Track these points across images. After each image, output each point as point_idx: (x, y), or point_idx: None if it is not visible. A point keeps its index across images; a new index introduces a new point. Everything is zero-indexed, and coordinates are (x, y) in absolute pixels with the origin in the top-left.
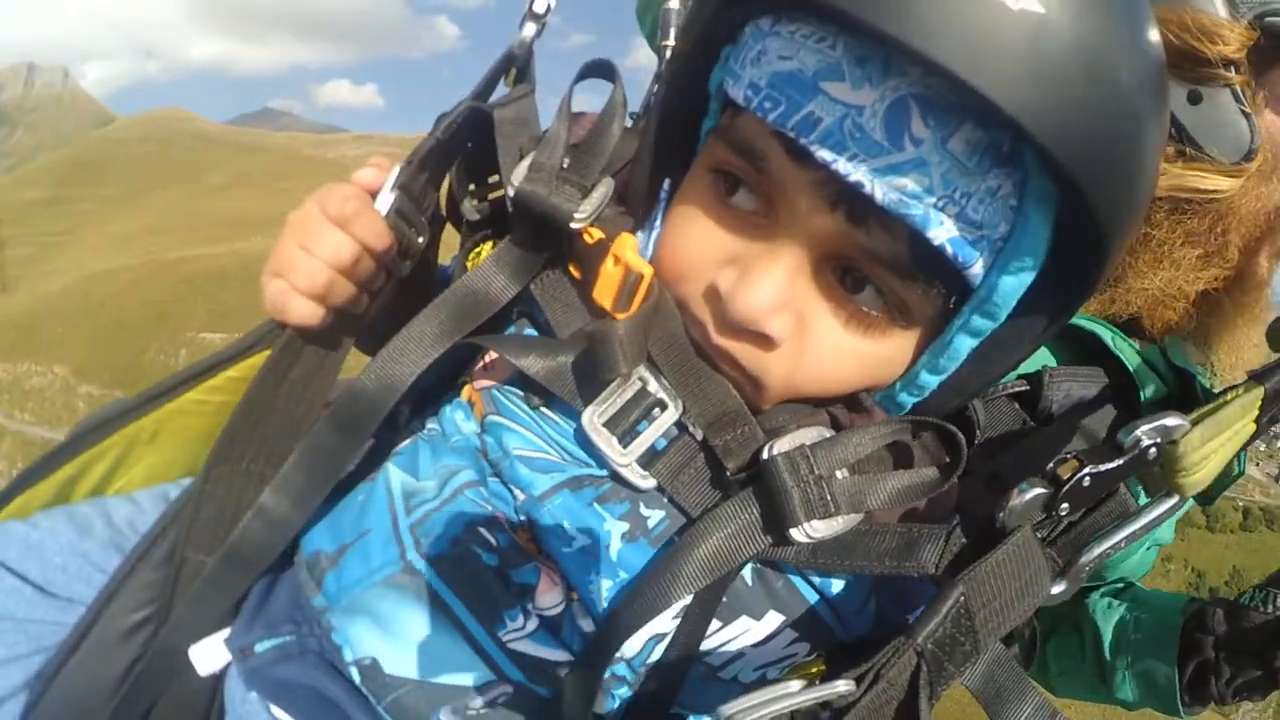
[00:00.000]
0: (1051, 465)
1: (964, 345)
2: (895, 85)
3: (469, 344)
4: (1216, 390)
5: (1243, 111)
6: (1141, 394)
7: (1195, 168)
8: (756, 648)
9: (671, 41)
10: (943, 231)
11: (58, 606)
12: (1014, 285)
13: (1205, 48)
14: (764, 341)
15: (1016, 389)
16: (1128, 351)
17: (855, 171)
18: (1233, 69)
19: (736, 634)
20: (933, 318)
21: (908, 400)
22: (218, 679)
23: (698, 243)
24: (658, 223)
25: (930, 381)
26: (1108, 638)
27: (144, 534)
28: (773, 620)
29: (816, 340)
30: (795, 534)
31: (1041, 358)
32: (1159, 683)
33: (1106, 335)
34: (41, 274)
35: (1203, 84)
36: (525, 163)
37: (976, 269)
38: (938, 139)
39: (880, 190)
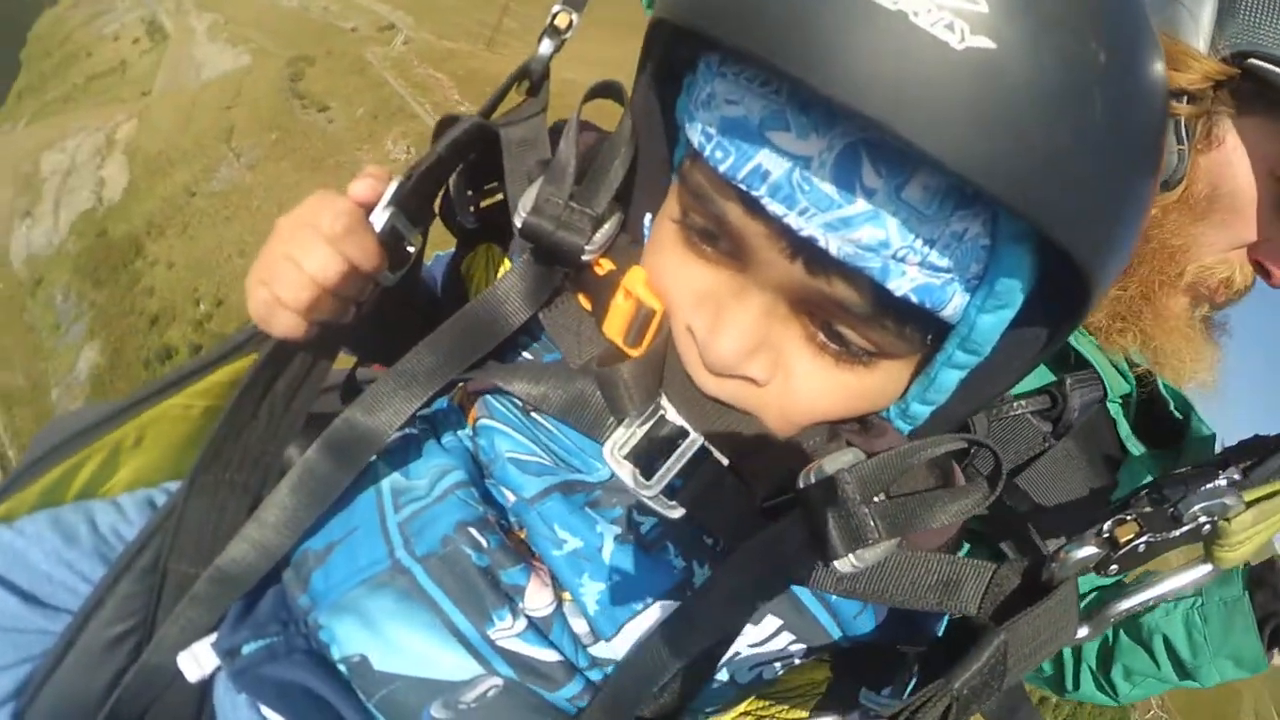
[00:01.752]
0: (1109, 525)
1: (950, 379)
2: (843, 132)
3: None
4: (1177, 388)
5: (1178, 148)
6: (1108, 389)
7: None
8: (753, 649)
9: None
10: (905, 282)
11: (44, 615)
12: (994, 322)
13: None
14: (750, 381)
15: (1037, 405)
16: (1088, 348)
17: (807, 226)
18: (1184, 99)
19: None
20: (916, 352)
21: (904, 427)
22: (207, 684)
23: (672, 281)
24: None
25: (922, 411)
26: (1181, 642)
27: (128, 544)
28: (770, 624)
29: (798, 379)
30: (839, 564)
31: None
32: (1246, 656)
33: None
34: (522, 48)
35: None
36: (533, 191)
37: (950, 309)
38: (891, 188)
39: (835, 244)
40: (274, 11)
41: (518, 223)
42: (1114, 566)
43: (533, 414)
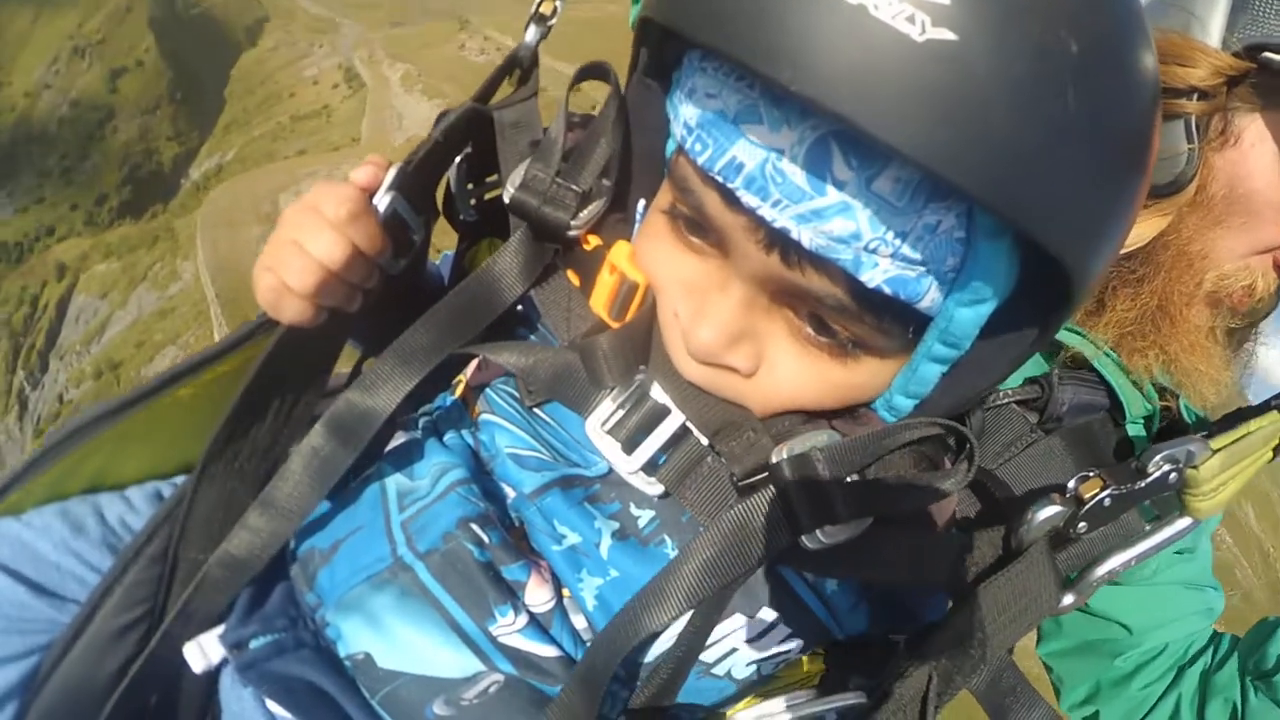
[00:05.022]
0: (1074, 484)
1: (931, 372)
2: (815, 124)
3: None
4: (1195, 408)
5: (1189, 147)
6: (1126, 409)
7: None
8: (750, 643)
9: None
10: (877, 274)
11: (52, 606)
12: (972, 316)
13: (1162, 75)
14: (732, 370)
15: (1024, 395)
16: (1110, 367)
17: (780, 218)
18: (1195, 97)
19: (730, 631)
20: (898, 344)
21: (889, 419)
22: (213, 676)
23: (660, 268)
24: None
25: (905, 404)
26: None
27: (136, 533)
28: (766, 617)
29: (779, 369)
30: (807, 540)
31: (1033, 363)
32: None
33: (1090, 350)
34: None
35: None
36: (521, 168)
37: (927, 302)
38: (862, 180)
39: (807, 236)
40: (462, 65)
41: (506, 199)
42: (1082, 524)
43: (533, 409)
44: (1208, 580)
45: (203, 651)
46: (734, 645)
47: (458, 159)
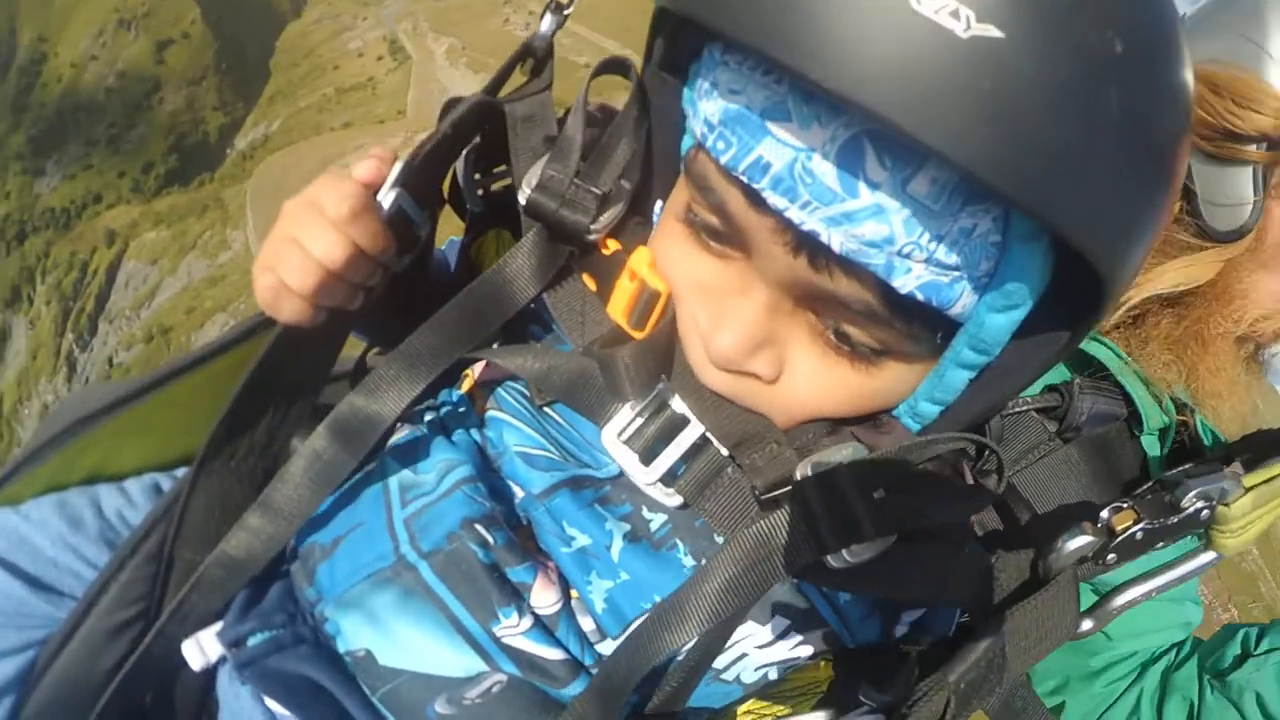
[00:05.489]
0: (1107, 514)
1: (959, 378)
2: (847, 123)
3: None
4: (1214, 427)
5: (1254, 199)
6: (1145, 421)
7: (1181, 257)
8: (761, 649)
9: None
10: (910, 279)
11: (49, 601)
12: (1004, 322)
13: (1233, 117)
14: (753, 376)
15: (1044, 403)
16: (1131, 378)
17: (809, 220)
18: (1262, 145)
19: (740, 637)
20: (925, 350)
21: (914, 426)
22: (210, 673)
23: (678, 271)
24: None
25: (930, 410)
26: (1275, 697)
27: (133, 530)
28: (777, 625)
29: (803, 376)
30: (832, 559)
31: (1053, 371)
32: None
33: (1114, 362)
34: None
35: (1220, 155)
36: (538, 167)
37: (959, 308)
38: (897, 181)
39: (837, 240)
40: (507, 39)
41: (522, 200)
42: (1112, 555)
43: (543, 408)
44: (1191, 596)
45: (201, 649)
46: (744, 651)
47: (465, 150)
